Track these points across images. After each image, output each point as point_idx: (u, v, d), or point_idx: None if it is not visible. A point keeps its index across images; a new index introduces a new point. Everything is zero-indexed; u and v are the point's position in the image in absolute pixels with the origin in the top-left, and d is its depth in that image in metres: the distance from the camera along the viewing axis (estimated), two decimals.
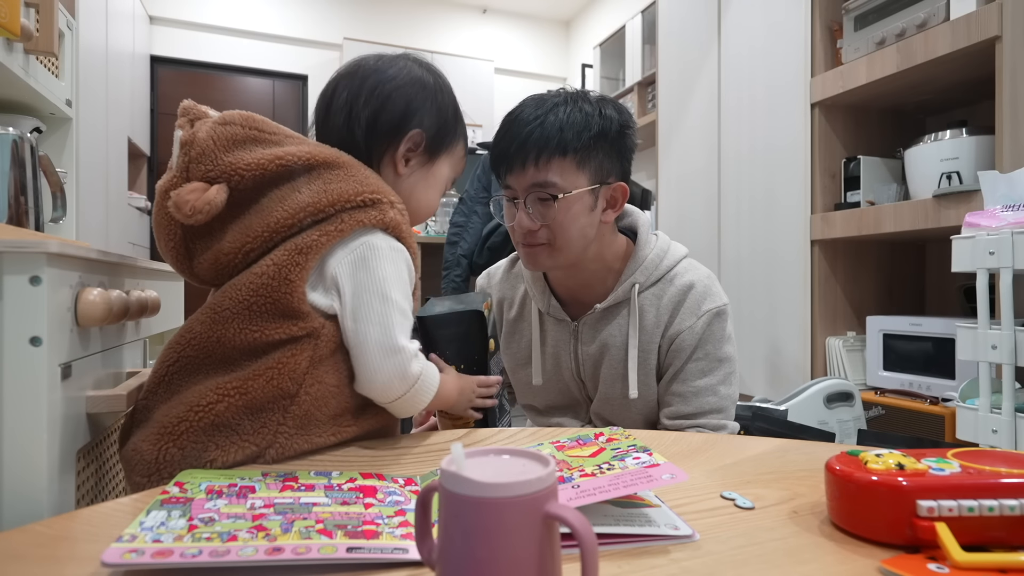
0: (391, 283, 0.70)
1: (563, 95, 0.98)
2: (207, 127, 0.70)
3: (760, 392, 2.47)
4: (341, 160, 0.72)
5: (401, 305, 0.71)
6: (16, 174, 1.08)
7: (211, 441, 0.65)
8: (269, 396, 0.66)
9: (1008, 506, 0.43)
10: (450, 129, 0.83)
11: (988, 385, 1.39)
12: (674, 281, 1.02)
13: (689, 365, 1.00)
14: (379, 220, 0.71)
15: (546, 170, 0.93)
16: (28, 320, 0.63)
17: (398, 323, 0.70)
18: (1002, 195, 1.44)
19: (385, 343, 0.69)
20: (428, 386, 0.73)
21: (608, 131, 0.95)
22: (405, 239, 0.74)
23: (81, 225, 2.16)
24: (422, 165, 0.81)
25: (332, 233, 0.68)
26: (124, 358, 0.98)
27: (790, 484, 0.59)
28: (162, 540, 0.42)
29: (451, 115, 0.84)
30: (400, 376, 0.70)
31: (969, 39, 1.71)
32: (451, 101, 0.84)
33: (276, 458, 0.67)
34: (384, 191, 0.73)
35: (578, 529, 0.32)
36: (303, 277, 0.67)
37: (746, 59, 2.60)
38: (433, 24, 5.20)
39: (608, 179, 0.97)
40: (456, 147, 0.85)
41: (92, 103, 2.52)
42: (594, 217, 0.97)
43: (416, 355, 0.72)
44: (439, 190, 0.85)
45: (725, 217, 2.72)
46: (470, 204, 2.28)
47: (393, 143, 0.79)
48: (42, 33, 1.33)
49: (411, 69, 0.81)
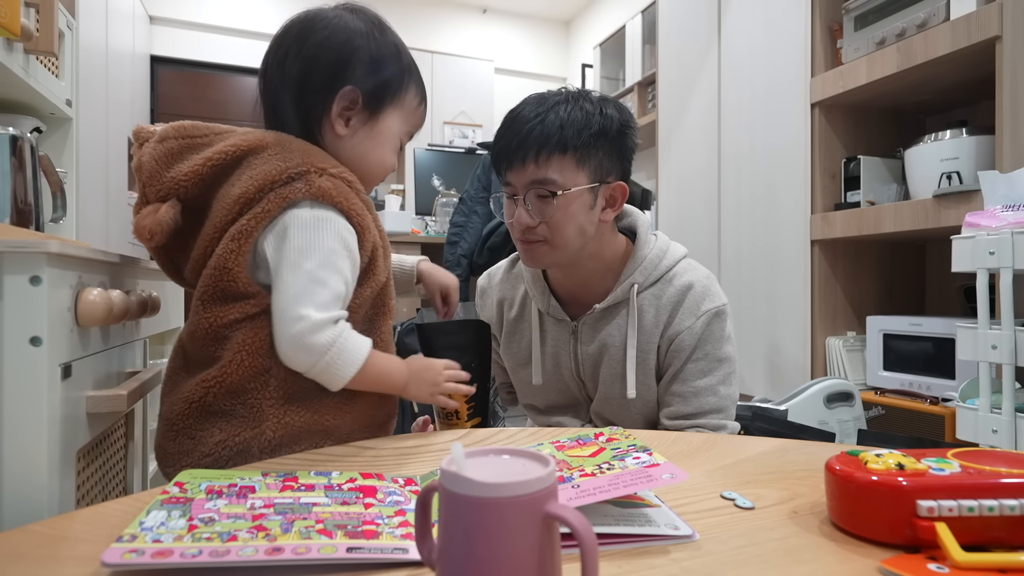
0: (305, 253, 0.68)
1: (564, 94, 0.97)
2: (149, 148, 0.73)
3: (760, 392, 2.47)
4: (265, 141, 0.72)
5: (314, 274, 0.68)
6: (16, 174, 1.08)
7: (214, 427, 0.70)
8: (246, 376, 0.70)
9: (1008, 506, 0.43)
10: (392, 80, 0.77)
11: (988, 385, 1.39)
12: (673, 281, 1.02)
13: (689, 365, 1.00)
14: (305, 192, 0.69)
15: (546, 167, 0.93)
16: (28, 320, 0.63)
17: (304, 291, 0.68)
18: (1002, 195, 1.44)
19: (287, 312, 0.67)
20: (346, 360, 0.69)
21: (608, 130, 0.95)
22: (340, 204, 0.71)
23: (81, 225, 2.15)
24: (364, 123, 0.77)
25: (260, 215, 0.69)
26: (124, 358, 0.98)
27: (790, 484, 0.59)
28: (162, 540, 0.42)
29: (392, 65, 0.78)
30: (302, 346, 0.67)
31: (969, 39, 1.71)
32: (391, 50, 0.78)
33: (278, 432, 0.70)
34: (310, 161, 0.71)
35: (578, 529, 0.32)
36: (241, 263, 0.69)
37: (746, 59, 2.60)
38: (433, 24, 5.19)
39: (608, 178, 0.97)
40: (403, 97, 0.79)
41: (92, 103, 2.52)
42: (593, 215, 0.97)
43: (328, 326, 0.68)
44: (390, 146, 0.80)
45: (725, 217, 2.72)
46: (470, 204, 2.28)
47: (327, 104, 0.75)
48: (42, 33, 1.33)
49: (341, 20, 0.76)
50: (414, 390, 0.77)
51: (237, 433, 0.70)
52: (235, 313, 0.70)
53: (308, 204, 0.70)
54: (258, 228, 0.69)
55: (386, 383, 0.75)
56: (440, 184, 3.99)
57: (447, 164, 4.13)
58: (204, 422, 0.71)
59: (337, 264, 0.70)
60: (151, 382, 0.98)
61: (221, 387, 0.70)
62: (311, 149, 0.74)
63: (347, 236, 0.71)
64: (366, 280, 0.75)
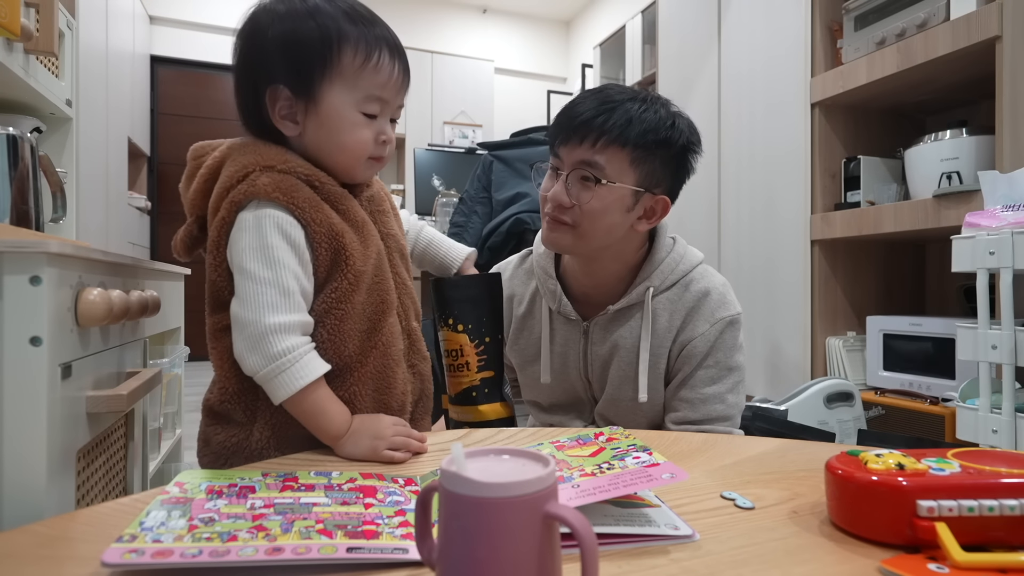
0: (246, 255, 0.68)
1: (645, 93, 0.96)
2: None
3: (760, 392, 2.47)
4: (230, 150, 0.73)
5: (259, 275, 0.66)
6: (16, 174, 1.08)
7: (218, 426, 0.74)
8: (240, 377, 0.72)
9: (1008, 506, 0.43)
10: (309, 53, 0.69)
11: (988, 385, 1.39)
12: (690, 287, 1.01)
13: (699, 372, 1.00)
14: (246, 192, 0.68)
15: (601, 153, 0.92)
16: (28, 320, 0.63)
17: (256, 294, 0.66)
18: (1002, 195, 1.44)
19: (240, 316, 0.68)
20: (287, 378, 0.66)
21: (673, 142, 0.94)
22: (279, 199, 0.67)
23: (81, 225, 2.16)
24: (307, 113, 0.71)
25: (220, 225, 0.70)
26: (124, 358, 0.98)
27: (790, 484, 0.59)
28: (162, 540, 0.42)
29: (305, 36, 0.69)
30: (256, 349, 0.66)
31: (969, 39, 1.71)
32: (299, 21, 0.69)
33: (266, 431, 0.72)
34: (255, 160, 0.69)
35: (578, 529, 0.32)
36: (222, 273, 0.72)
37: (746, 59, 2.60)
38: (433, 24, 5.20)
39: (655, 188, 0.96)
40: (334, 65, 0.70)
41: (92, 103, 2.52)
42: (627, 219, 0.96)
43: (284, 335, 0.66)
44: (346, 123, 0.71)
45: (725, 217, 2.73)
46: (470, 204, 2.28)
47: (264, 110, 0.72)
48: (42, 33, 1.33)
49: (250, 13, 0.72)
50: (350, 446, 0.68)
51: (233, 434, 0.73)
52: (225, 320, 0.71)
53: (253, 204, 0.69)
54: (222, 238, 0.70)
55: (321, 424, 0.69)
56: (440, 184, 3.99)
57: (447, 164, 4.13)
58: (213, 421, 0.75)
59: (282, 259, 0.67)
60: (151, 382, 0.98)
61: (219, 392, 0.74)
62: (266, 149, 0.71)
63: (290, 231, 0.68)
64: (338, 272, 0.71)
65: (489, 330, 0.91)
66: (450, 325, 0.91)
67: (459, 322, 0.90)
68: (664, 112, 0.94)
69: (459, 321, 0.90)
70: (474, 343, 0.90)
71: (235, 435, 0.73)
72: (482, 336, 0.90)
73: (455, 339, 0.91)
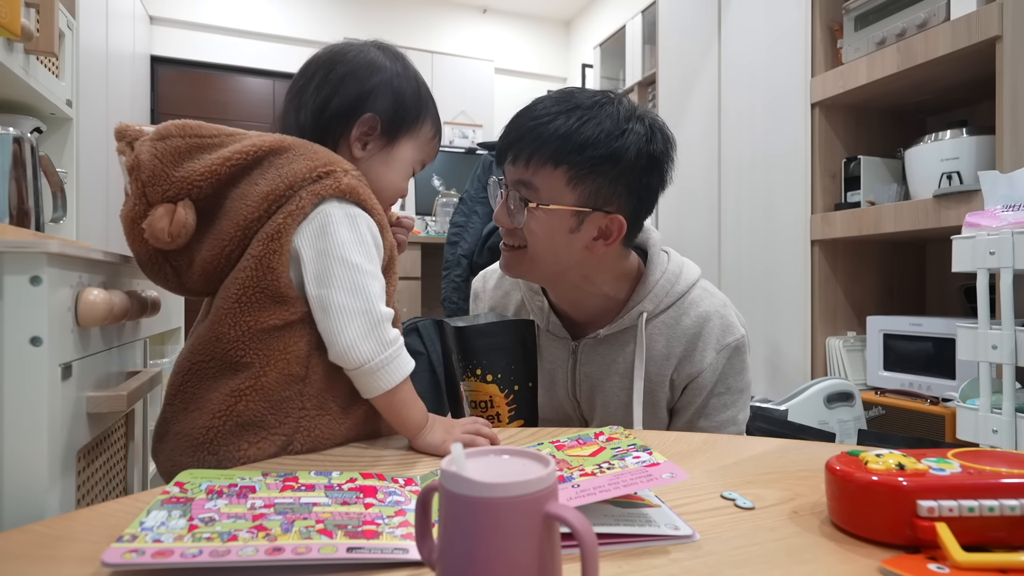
0: (349, 247, 0.69)
1: (594, 100, 0.87)
2: (147, 147, 0.71)
3: (760, 392, 2.47)
4: (286, 143, 0.73)
5: (365, 267, 0.70)
6: (16, 174, 1.08)
7: (243, 440, 0.68)
8: (282, 384, 0.69)
9: (1008, 506, 0.43)
10: (410, 112, 0.81)
11: (988, 385, 1.39)
12: (689, 311, 0.97)
13: (712, 400, 0.97)
14: (334, 188, 0.70)
15: (532, 173, 0.86)
16: (28, 320, 0.63)
17: (364, 284, 0.69)
18: (1002, 195, 1.44)
19: (353, 305, 0.68)
20: (396, 366, 0.69)
21: (621, 157, 0.85)
22: (365, 203, 0.73)
23: (81, 225, 2.15)
24: (381, 148, 0.81)
25: (295, 213, 0.69)
26: (124, 358, 0.98)
27: (790, 484, 0.59)
28: (162, 540, 0.42)
29: (412, 98, 0.82)
30: (372, 335, 0.68)
31: (969, 39, 1.71)
32: (412, 85, 0.82)
33: (306, 443, 0.70)
34: (336, 161, 0.73)
35: (578, 529, 0.32)
36: (283, 263, 0.69)
37: (746, 59, 2.60)
38: (433, 24, 5.19)
39: (605, 207, 0.87)
40: (419, 129, 0.83)
41: (92, 103, 2.52)
42: (573, 241, 0.88)
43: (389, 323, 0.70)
44: (403, 172, 0.83)
45: (725, 218, 2.72)
46: (470, 204, 2.28)
47: (347, 127, 0.79)
48: (42, 33, 1.33)
49: (367, 54, 0.81)
50: (430, 437, 0.71)
51: (267, 445, 0.68)
52: (275, 319, 0.69)
53: (338, 201, 0.71)
54: (292, 226, 0.69)
55: (411, 415, 0.71)
56: (440, 184, 3.99)
57: (447, 164, 4.13)
58: (232, 436, 0.68)
59: (375, 257, 0.72)
60: (151, 382, 0.98)
61: (255, 395, 0.68)
62: (336, 155, 0.76)
63: (376, 232, 0.73)
64: (387, 278, 0.75)
65: (519, 378, 0.88)
66: (478, 376, 0.88)
67: (488, 372, 0.87)
68: (611, 123, 0.85)
69: (488, 371, 0.87)
70: (504, 392, 0.87)
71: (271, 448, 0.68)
72: (511, 384, 0.87)
73: (484, 390, 0.88)
